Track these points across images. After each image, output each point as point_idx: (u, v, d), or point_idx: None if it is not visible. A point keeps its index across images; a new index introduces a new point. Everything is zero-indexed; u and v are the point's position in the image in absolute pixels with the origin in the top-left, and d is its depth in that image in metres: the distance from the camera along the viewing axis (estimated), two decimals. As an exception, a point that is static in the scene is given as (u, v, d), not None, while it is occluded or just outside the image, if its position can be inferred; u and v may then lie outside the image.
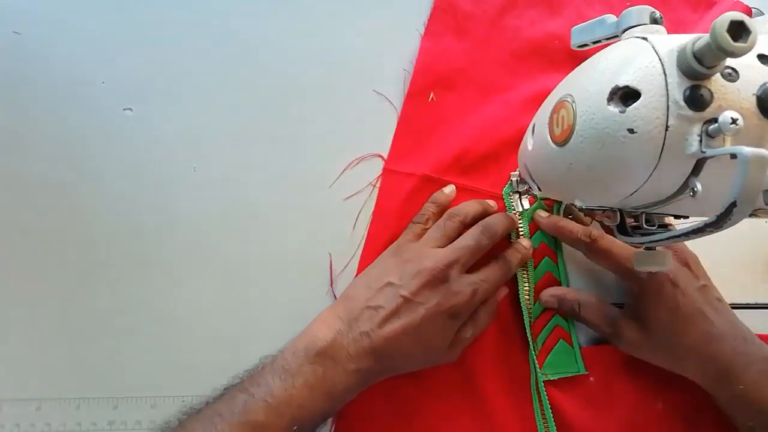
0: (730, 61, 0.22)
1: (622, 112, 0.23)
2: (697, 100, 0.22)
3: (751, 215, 0.26)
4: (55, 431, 0.35)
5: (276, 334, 0.34)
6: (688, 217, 0.31)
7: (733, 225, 0.21)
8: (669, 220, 0.32)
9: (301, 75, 0.42)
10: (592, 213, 0.38)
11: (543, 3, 0.47)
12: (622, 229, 0.32)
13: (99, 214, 0.38)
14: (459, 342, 0.35)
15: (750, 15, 0.31)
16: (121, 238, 0.38)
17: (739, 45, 0.20)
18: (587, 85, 0.26)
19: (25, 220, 0.37)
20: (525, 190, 0.40)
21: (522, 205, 0.41)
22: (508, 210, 0.41)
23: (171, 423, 0.32)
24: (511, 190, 0.41)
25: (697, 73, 0.22)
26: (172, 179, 0.39)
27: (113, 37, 0.41)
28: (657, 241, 0.28)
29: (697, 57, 0.22)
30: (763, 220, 0.44)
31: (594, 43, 0.33)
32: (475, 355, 0.39)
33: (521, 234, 0.41)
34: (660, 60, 0.23)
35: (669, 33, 0.26)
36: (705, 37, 0.21)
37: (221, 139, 0.40)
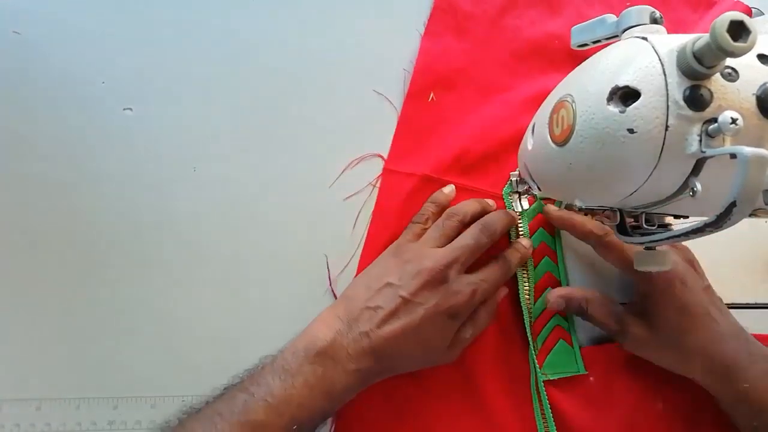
0: (730, 61, 0.22)
1: (622, 112, 0.23)
2: (696, 100, 0.22)
3: (751, 215, 0.26)
4: (55, 431, 0.35)
5: (276, 334, 0.34)
6: (688, 217, 0.31)
7: (733, 225, 0.21)
8: (669, 220, 0.32)
9: (301, 75, 0.42)
10: (592, 213, 0.38)
11: (543, 3, 0.47)
12: (622, 229, 0.33)
13: (99, 214, 0.38)
14: (458, 342, 0.35)
15: (750, 15, 0.31)
16: (121, 238, 0.38)
17: (739, 45, 0.20)
18: (587, 84, 0.26)
19: (25, 220, 0.37)
20: (525, 190, 0.40)
21: (522, 205, 0.41)
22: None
23: (171, 422, 0.32)
24: (510, 190, 0.41)
25: (697, 73, 0.22)
26: (172, 179, 0.39)
27: (113, 37, 0.41)
28: (657, 241, 0.28)
29: (697, 57, 0.22)
30: (763, 220, 0.44)
31: (594, 42, 0.33)
32: (475, 355, 0.39)
33: (521, 233, 0.41)
34: (660, 60, 0.23)
35: (669, 33, 0.26)
36: (705, 37, 0.21)
37: (221, 139, 0.40)
